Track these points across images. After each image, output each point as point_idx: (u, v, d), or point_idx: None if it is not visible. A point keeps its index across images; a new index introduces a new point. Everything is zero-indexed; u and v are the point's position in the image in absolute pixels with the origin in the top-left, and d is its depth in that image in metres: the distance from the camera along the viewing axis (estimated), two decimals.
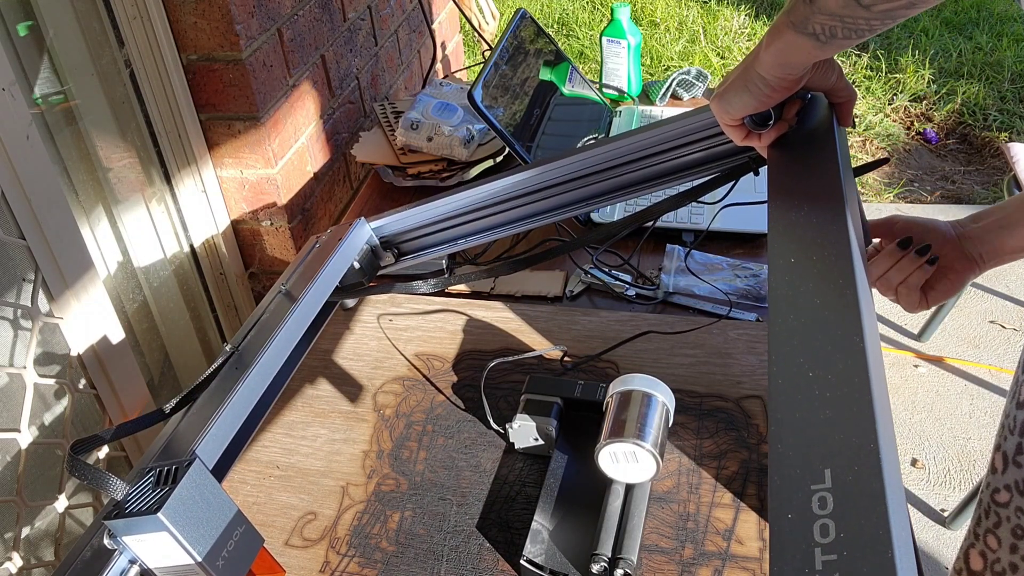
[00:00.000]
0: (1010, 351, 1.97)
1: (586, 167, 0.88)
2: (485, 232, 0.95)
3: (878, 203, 2.53)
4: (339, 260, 0.90)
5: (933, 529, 1.61)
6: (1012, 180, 1.75)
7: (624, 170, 0.87)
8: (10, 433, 0.85)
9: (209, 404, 0.71)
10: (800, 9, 0.58)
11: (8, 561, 0.85)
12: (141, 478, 0.57)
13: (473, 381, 0.91)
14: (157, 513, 0.52)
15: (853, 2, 0.54)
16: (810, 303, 0.48)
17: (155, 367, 1.18)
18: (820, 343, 0.45)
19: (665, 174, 0.86)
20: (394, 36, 1.62)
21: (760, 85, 0.63)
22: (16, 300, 0.86)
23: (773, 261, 0.53)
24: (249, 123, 1.13)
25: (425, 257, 0.99)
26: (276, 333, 0.76)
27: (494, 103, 1.11)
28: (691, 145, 0.83)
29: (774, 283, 0.51)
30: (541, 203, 0.93)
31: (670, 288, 1.03)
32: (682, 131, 0.83)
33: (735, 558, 0.70)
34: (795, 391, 0.43)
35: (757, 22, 3.46)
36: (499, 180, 0.91)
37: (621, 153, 0.86)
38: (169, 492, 0.54)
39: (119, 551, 0.56)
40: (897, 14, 0.54)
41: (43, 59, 0.97)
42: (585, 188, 0.89)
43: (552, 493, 0.75)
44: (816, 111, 0.70)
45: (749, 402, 0.84)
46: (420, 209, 0.95)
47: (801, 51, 0.60)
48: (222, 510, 0.57)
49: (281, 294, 0.84)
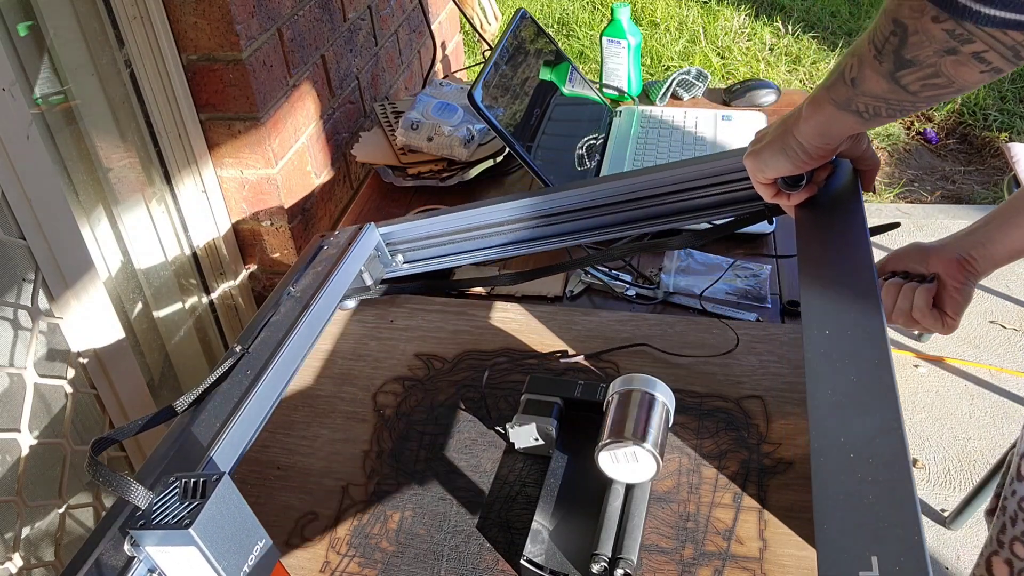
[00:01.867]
0: (1010, 351, 1.97)
1: (606, 197, 0.89)
2: (495, 249, 0.96)
3: (878, 203, 2.53)
4: (350, 265, 0.91)
5: (933, 529, 1.61)
6: (1012, 180, 1.75)
7: (641, 204, 0.90)
8: (10, 433, 0.85)
9: (222, 406, 0.71)
10: (842, 90, 0.59)
11: (8, 561, 0.85)
12: (166, 488, 0.57)
13: (473, 381, 0.91)
14: (189, 529, 0.53)
15: (898, 87, 0.55)
16: (847, 380, 0.51)
17: (155, 367, 1.18)
18: (859, 425, 0.48)
19: (682, 212, 0.89)
20: (394, 36, 1.62)
21: (798, 151, 0.65)
22: (16, 300, 0.86)
23: (808, 332, 0.57)
24: (249, 123, 1.13)
25: (431, 268, 1.00)
26: (289, 340, 0.77)
27: (494, 103, 1.11)
28: (711, 188, 0.86)
29: (810, 356, 0.54)
30: (554, 227, 0.93)
31: (670, 288, 1.03)
32: (704, 172, 0.85)
33: (735, 558, 0.70)
34: (838, 472, 0.45)
35: (757, 22, 3.46)
36: (516, 200, 0.92)
37: (640, 187, 0.88)
38: (200, 507, 0.54)
39: (139, 560, 0.57)
40: (943, 96, 0.55)
41: (43, 59, 0.97)
42: (601, 217, 0.91)
43: (552, 493, 0.75)
44: (842, 176, 0.73)
45: (749, 402, 0.84)
46: (431, 221, 0.96)
47: (843, 125, 0.62)
48: (247, 526, 0.58)
49: (292, 297, 0.84)
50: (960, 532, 1.59)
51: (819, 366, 0.53)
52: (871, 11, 3.48)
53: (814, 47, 3.25)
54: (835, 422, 0.48)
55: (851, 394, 0.50)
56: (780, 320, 0.98)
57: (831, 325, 0.56)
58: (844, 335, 0.55)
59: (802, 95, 1.51)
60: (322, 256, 0.93)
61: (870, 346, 0.53)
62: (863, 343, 0.53)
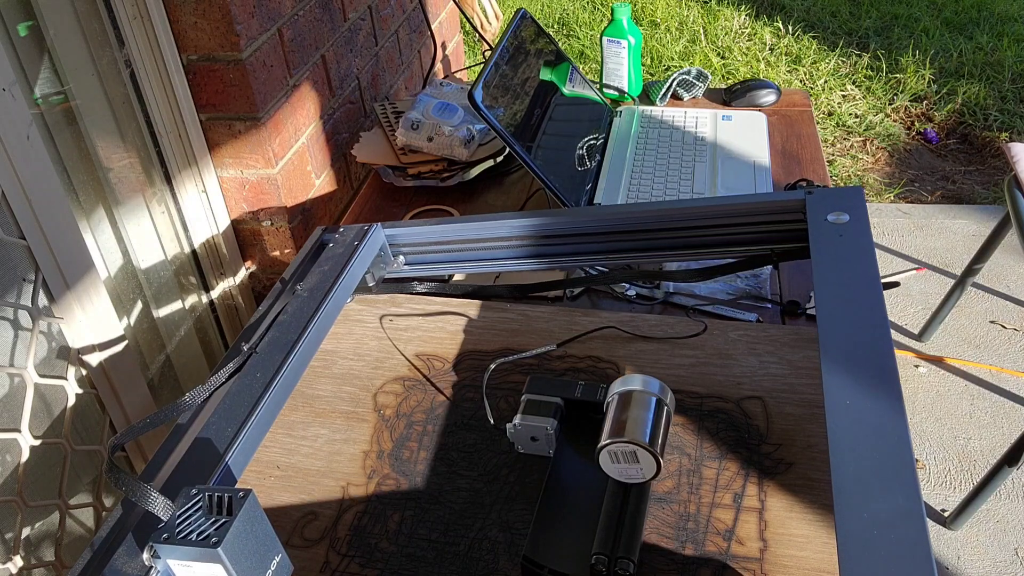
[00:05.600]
0: (1011, 351, 1.97)
1: (614, 224, 0.90)
2: (497, 262, 0.96)
3: (879, 203, 2.53)
4: (357, 267, 0.91)
5: (933, 529, 1.61)
6: (1012, 180, 1.75)
7: (649, 235, 0.90)
8: (11, 433, 0.85)
9: (233, 410, 0.71)
10: None
11: (8, 561, 0.85)
12: (188, 500, 0.57)
13: (474, 381, 0.91)
14: (218, 548, 0.54)
15: None
16: (870, 456, 0.56)
17: (155, 367, 1.18)
18: (881, 506, 0.53)
19: (690, 247, 0.89)
20: (394, 36, 1.62)
21: None
22: (16, 300, 0.86)
23: (830, 398, 0.61)
24: (249, 123, 1.13)
25: (433, 273, 1.00)
26: (301, 343, 0.77)
27: (495, 103, 1.11)
28: (720, 228, 0.87)
29: (833, 425, 0.59)
30: (559, 247, 0.94)
31: (670, 288, 1.03)
32: (717, 212, 0.88)
33: (735, 558, 0.70)
34: (863, 550, 0.50)
35: (757, 22, 3.46)
36: (526, 218, 0.93)
37: (651, 219, 0.89)
38: (228, 525, 0.55)
39: (157, 571, 0.57)
40: None
41: (43, 59, 0.97)
42: (608, 243, 0.92)
43: (552, 493, 0.75)
44: None
45: (749, 403, 0.84)
46: (439, 228, 0.96)
47: None
48: (267, 541, 0.59)
49: (300, 297, 0.84)
50: (960, 532, 1.59)
51: (842, 436, 0.58)
52: (871, 11, 3.48)
53: (814, 47, 3.25)
54: (858, 499, 0.54)
55: (872, 468, 0.55)
56: (780, 320, 0.98)
57: (851, 397, 0.61)
58: (865, 407, 0.60)
59: (802, 95, 1.51)
60: (328, 254, 0.93)
61: (890, 422, 0.58)
62: (884, 417, 0.59)
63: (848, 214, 0.78)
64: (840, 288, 0.71)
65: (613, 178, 1.26)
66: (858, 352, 0.64)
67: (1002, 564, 1.54)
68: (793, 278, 1.04)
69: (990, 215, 2.41)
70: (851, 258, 0.73)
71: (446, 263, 0.99)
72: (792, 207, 0.83)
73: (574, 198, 1.17)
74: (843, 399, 0.60)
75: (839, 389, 0.61)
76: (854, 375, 0.62)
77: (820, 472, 0.76)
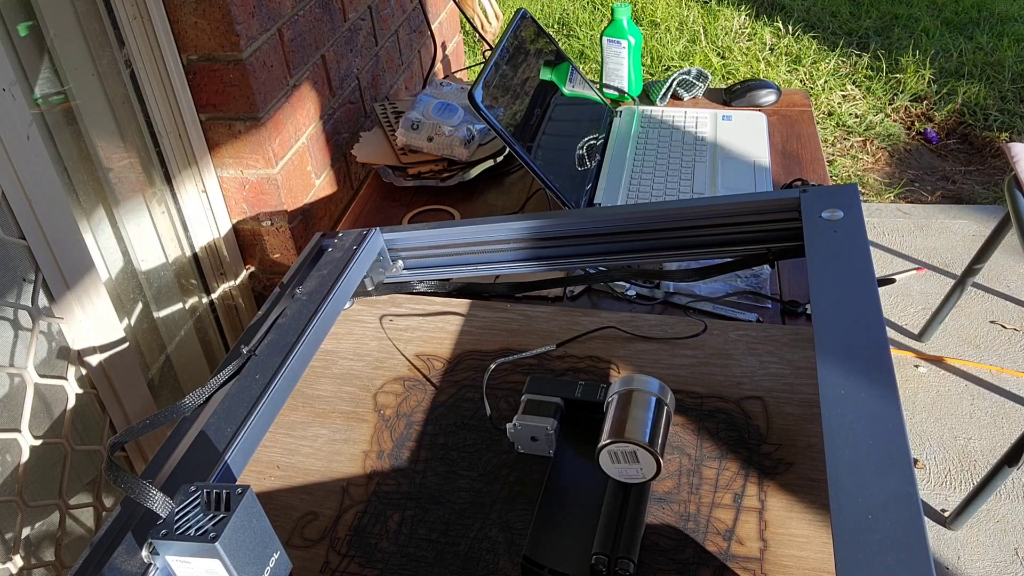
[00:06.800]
0: (1011, 351, 1.97)
1: (613, 225, 0.91)
2: (497, 265, 0.96)
3: (878, 203, 2.53)
4: (355, 272, 0.91)
5: (933, 529, 1.61)
6: (1012, 180, 1.75)
7: (647, 236, 0.91)
8: (11, 433, 0.85)
9: (232, 410, 0.72)
10: None
11: (9, 561, 0.85)
12: (187, 497, 0.57)
13: (474, 381, 0.91)
14: (215, 543, 0.54)
15: None
16: (864, 443, 0.57)
17: (155, 367, 1.18)
18: (876, 491, 0.53)
19: (688, 247, 0.89)
20: (394, 36, 1.62)
21: None
22: (16, 300, 0.86)
23: (825, 388, 0.62)
24: (249, 123, 1.13)
25: (431, 277, 1.00)
26: (299, 346, 0.77)
27: (495, 103, 1.11)
28: (718, 227, 0.87)
29: (827, 414, 0.59)
30: (559, 249, 0.94)
31: (671, 288, 1.03)
32: (714, 212, 0.88)
33: (735, 558, 0.70)
34: (857, 534, 0.51)
35: (757, 22, 3.46)
36: (525, 220, 0.93)
37: (649, 219, 0.90)
38: (226, 520, 0.55)
39: (156, 567, 0.57)
40: None
41: (43, 59, 0.97)
42: (607, 244, 0.92)
43: (552, 493, 0.75)
44: None
45: (749, 403, 0.84)
46: (436, 232, 0.96)
47: None
48: (265, 538, 0.59)
49: (299, 300, 0.84)
50: (960, 532, 1.59)
51: (837, 425, 0.58)
52: (871, 11, 3.48)
53: (814, 47, 3.25)
54: (854, 488, 0.54)
55: (868, 457, 0.56)
56: (780, 320, 0.98)
57: (846, 387, 0.61)
58: (859, 396, 0.60)
59: (802, 95, 1.51)
60: (327, 259, 0.93)
61: (886, 413, 0.58)
62: (878, 404, 0.59)
63: (842, 211, 0.78)
64: (834, 282, 0.71)
65: (613, 178, 1.26)
66: (853, 343, 0.64)
67: (1002, 564, 1.54)
68: (793, 278, 1.04)
69: (990, 215, 2.41)
70: (845, 253, 0.73)
71: (445, 267, 0.99)
72: (788, 205, 0.83)
73: (574, 198, 1.17)
74: (838, 389, 0.61)
75: (834, 379, 0.62)
76: (848, 365, 0.62)
77: (820, 472, 0.76)
